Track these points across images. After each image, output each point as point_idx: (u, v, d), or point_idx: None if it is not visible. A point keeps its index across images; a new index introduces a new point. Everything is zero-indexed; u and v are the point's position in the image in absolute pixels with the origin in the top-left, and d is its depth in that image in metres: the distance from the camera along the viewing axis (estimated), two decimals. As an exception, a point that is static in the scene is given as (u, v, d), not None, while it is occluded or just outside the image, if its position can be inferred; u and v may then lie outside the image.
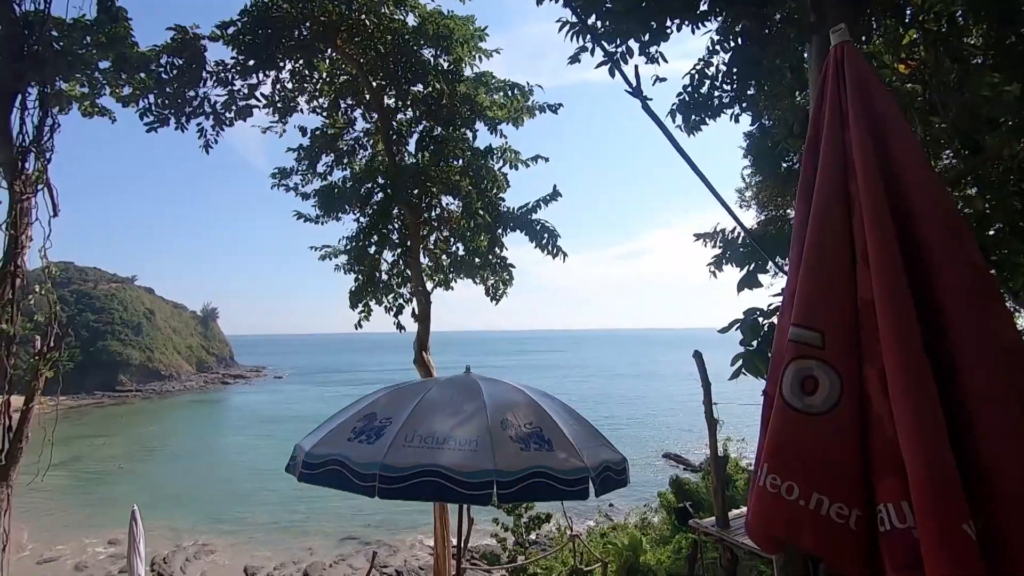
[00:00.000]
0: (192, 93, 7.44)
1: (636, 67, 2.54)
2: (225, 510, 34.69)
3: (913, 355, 1.26)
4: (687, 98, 4.61)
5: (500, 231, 7.86)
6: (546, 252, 7.45)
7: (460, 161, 8.16)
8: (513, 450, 3.10)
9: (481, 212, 7.71)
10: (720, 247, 4.74)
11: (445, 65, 8.06)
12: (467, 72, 8.10)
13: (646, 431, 54.02)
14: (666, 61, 4.43)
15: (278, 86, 8.05)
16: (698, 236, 4.70)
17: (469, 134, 8.20)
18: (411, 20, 7.99)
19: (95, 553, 29.26)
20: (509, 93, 7.99)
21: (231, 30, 7.35)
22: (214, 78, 7.39)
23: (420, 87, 8.26)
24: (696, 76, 4.65)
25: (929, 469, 1.18)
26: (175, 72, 7.09)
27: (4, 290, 6.52)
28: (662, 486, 22.96)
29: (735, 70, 4.18)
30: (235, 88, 7.50)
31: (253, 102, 7.65)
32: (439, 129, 8.25)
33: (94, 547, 29.96)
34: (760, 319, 3.33)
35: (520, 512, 15.31)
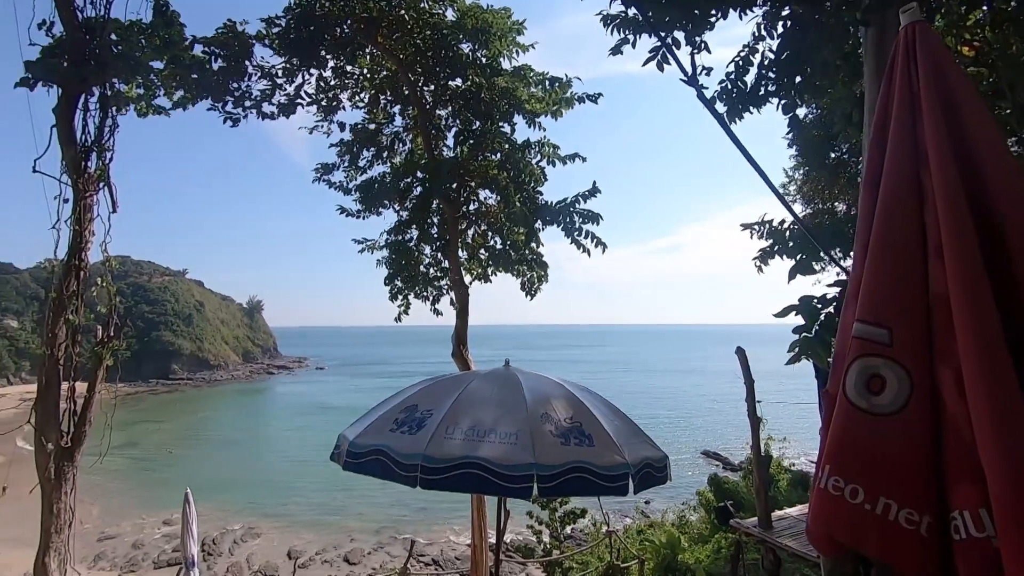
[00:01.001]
0: (236, 86, 7.66)
1: (692, 55, 2.46)
2: (269, 496, 36.04)
3: (993, 354, 1.18)
4: (730, 86, 4.46)
5: (537, 225, 7.83)
6: (582, 250, 7.41)
7: (498, 155, 8.15)
8: (553, 444, 3.08)
9: (519, 205, 7.69)
10: (767, 239, 4.58)
11: (483, 59, 8.06)
12: (505, 66, 8.08)
13: (684, 428, 53.24)
14: (710, 52, 4.30)
15: (321, 83, 8.22)
16: (745, 226, 4.56)
17: (507, 128, 8.18)
18: (450, 15, 8.02)
19: (151, 532, 30.86)
20: (547, 86, 7.93)
21: (276, 30, 7.54)
22: (259, 74, 7.60)
23: (459, 81, 8.29)
24: (740, 64, 4.49)
25: (1013, 476, 1.10)
26: (219, 65, 7.31)
27: (69, 282, 6.88)
28: (700, 484, 22.58)
29: (784, 56, 4.00)
30: (279, 85, 7.69)
31: (298, 100, 7.83)
32: (477, 123, 8.27)
33: (150, 527, 31.59)
34: (817, 305, 3.21)
35: (555, 507, 15.33)
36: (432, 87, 8.51)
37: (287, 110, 7.80)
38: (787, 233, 4.06)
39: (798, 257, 3.60)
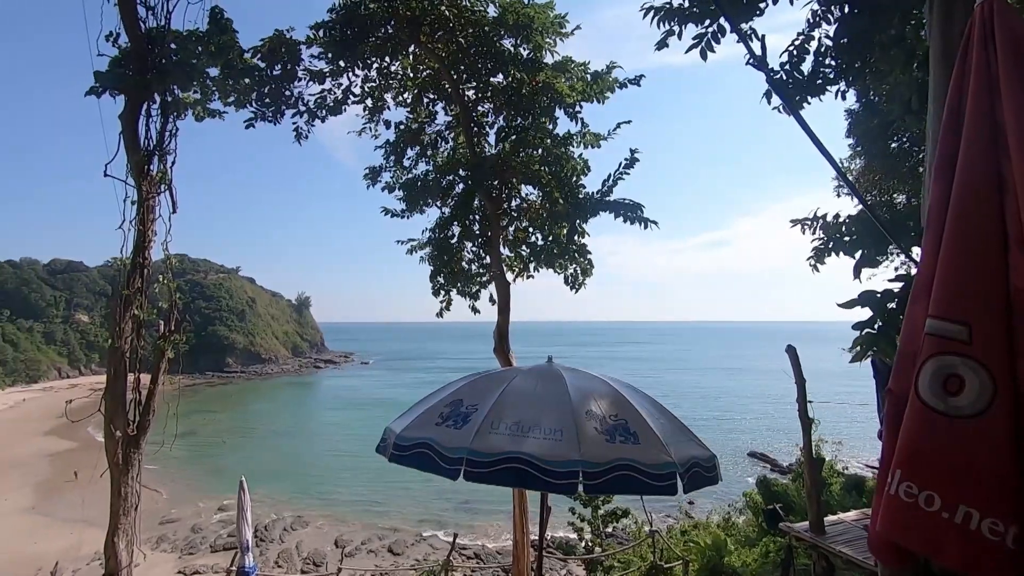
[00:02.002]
0: (287, 92, 7.92)
1: (763, 36, 2.37)
2: (316, 486, 37.28)
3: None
4: (784, 77, 4.28)
5: (580, 219, 7.76)
6: (632, 223, 7.26)
7: (540, 150, 8.12)
8: (598, 441, 3.06)
9: (561, 200, 7.64)
10: (820, 235, 4.39)
11: (525, 54, 8.04)
12: (547, 60, 8.03)
13: (730, 428, 51.90)
14: (759, 39, 4.15)
15: (367, 85, 8.38)
16: (795, 222, 4.37)
17: (548, 123, 8.13)
18: (491, 11, 8.02)
19: (207, 517, 32.42)
20: (589, 76, 7.84)
21: (322, 32, 7.73)
22: (308, 77, 7.82)
23: (500, 77, 8.29)
24: (795, 51, 4.31)
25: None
26: (273, 73, 7.57)
27: (134, 279, 7.28)
28: (747, 486, 21.96)
29: (842, 41, 3.81)
30: (327, 87, 7.90)
31: (344, 102, 8.02)
32: (519, 119, 8.26)
33: (207, 512, 33.20)
34: (882, 299, 3.05)
35: (598, 504, 15.22)
36: (474, 84, 8.55)
37: (334, 110, 8.00)
38: (843, 227, 3.87)
39: (859, 253, 3.37)
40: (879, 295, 3.04)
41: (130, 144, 7.20)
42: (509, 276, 8.56)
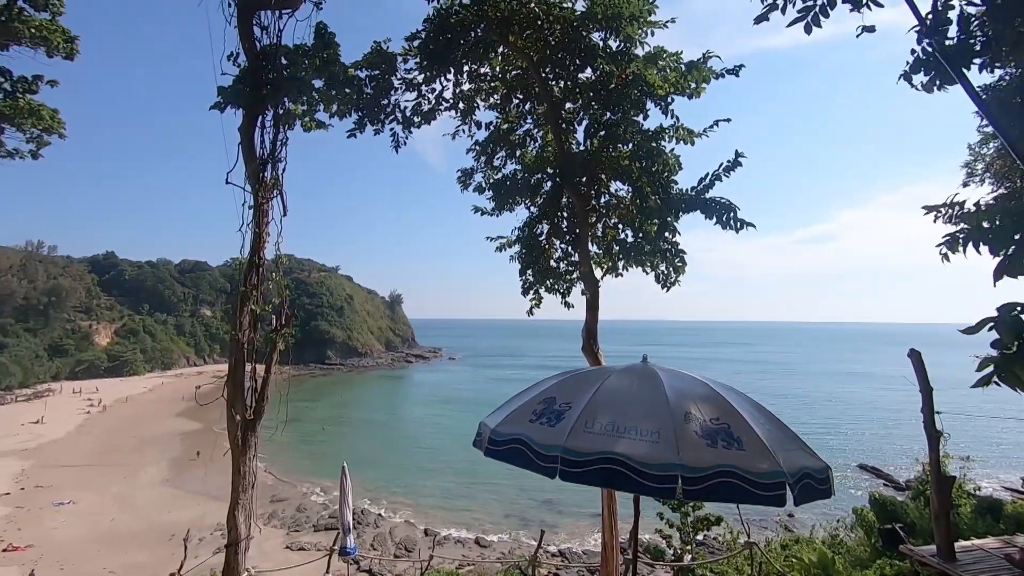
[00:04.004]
0: (385, 101, 8.31)
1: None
2: (407, 476, 39.00)
3: None
4: (921, 54, 3.81)
5: (672, 215, 7.47)
6: (726, 228, 6.87)
7: (629, 145, 7.92)
8: (699, 445, 2.92)
9: (652, 196, 7.40)
10: (955, 223, 3.88)
11: (614, 46, 7.88)
12: (637, 51, 7.81)
13: (837, 438, 48.14)
14: (880, 5, 3.75)
15: (458, 89, 8.60)
16: (928, 208, 3.89)
17: (639, 117, 7.90)
18: (580, 5, 7.93)
19: (311, 498, 34.94)
20: (683, 66, 7.52)
21: (416, 43, 8.03)
22: (404, 86, 8.16)
23: (588, 72, 8.19)
24: (933, 21, 3.84)
25: None
26: (373, 84, 7.98)
27: (251, 277, 7.97)
28: (855, 500, 20.21)
29: (998, 2, 3.33)
30: (422, 94, 8.19)
31: (438, 108, 8.30)
32: (608, 114, 8.10)
33: (310, 494, 35.80)
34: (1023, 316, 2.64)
35: (687, 510, 14.63)
36: (562, 81, 8.51)
37: (428, 116, 8.30)
38: (988, 216, 3.35)
39: (1010, 249, 2.81)
40: (1019, 309, 2.62)
41: (247, 153, 7.90)
42: (598, 273, 8.44)
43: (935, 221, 3.84)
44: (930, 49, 3.46)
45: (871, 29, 3.86)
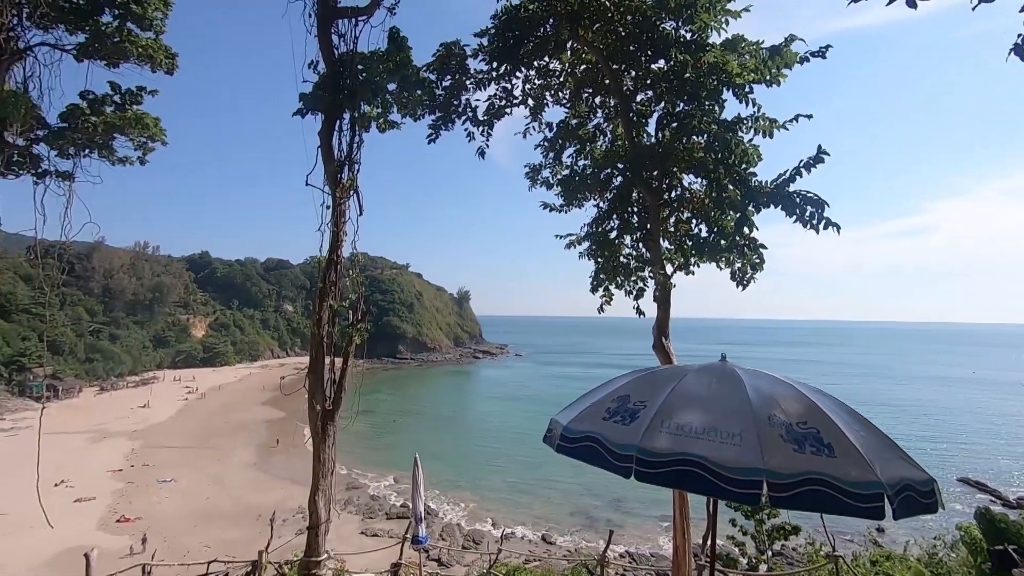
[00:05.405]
0: (456, 101, 8.45)
1: None
2: (474, 469, 39.71)
3: None
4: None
5: (751, 208, 7.09)
6: (808, 227, 6.44)
7: (704, 136, 7.60)
8: (785, 450, 2.76)
9: (730, 188, 7.06)
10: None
11: (688, 36, 7.59)
12: (713, 39, 7.48)
13: (936, 448, 44.36)
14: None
15: (527, 86, 8.61)
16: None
17: (715, 107, 7.55)
18: (651, -6, 7.69)
19: (383, 488, 36.35)
20: (765, 55, 7.11)
21: (485, 40, 8.09)
22: (475, 85, 8.27)
23: (661, 63, 7.94)
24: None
25: None
26: (444, 84, 8.15)
27: (330, 274, 8.37)
28: (956, 517, 18.50)
29: None
30: (492, 93, 8.28)
31: (507, 105, 8.36)
32: (681, 105, 7.82)
33: (383, 483, 37.25)
34: None
35: (762, 518, 13.92)
36: (633, 73, 8.30)
37: (499, 114, 8.36)
38: None
39: None
40: None
41: (326, 156, 8.30)
42: (669, 269, 8.17)
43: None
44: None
45: (990, -1, 3.49)
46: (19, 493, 23.16)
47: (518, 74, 8.28)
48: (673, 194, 8.27)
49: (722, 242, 7.50)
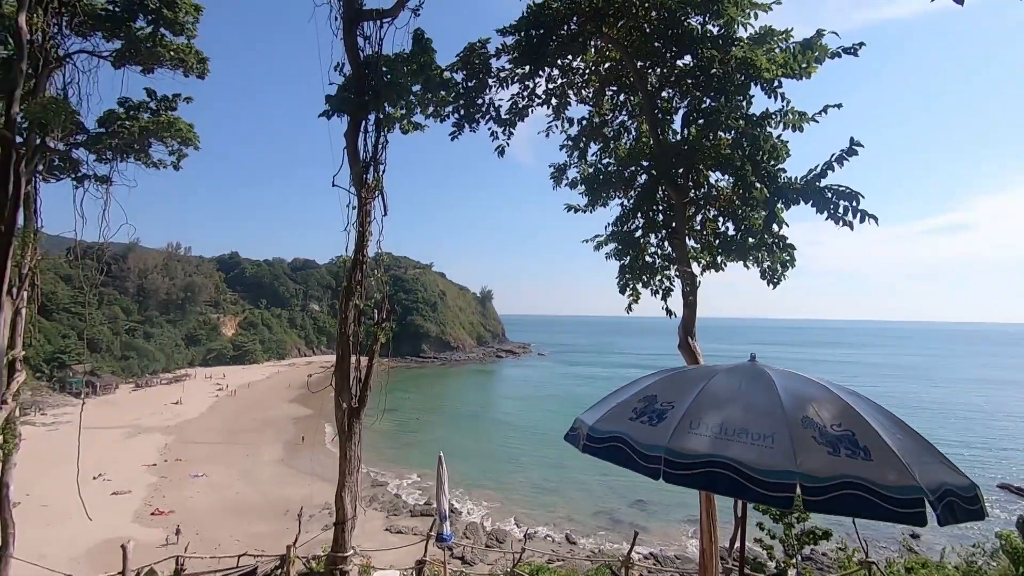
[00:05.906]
0: (480, 100, 8.47)
1: None
2: (497, 468, 39.79)
3: None
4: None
5: (780, 205, 6.93)
6: (841, 224, 6.26)
7: (731, 133, 7.46)
8: (819, 453, 2.69)
9: (758, 185, 6.91)
10: None
11: (715, 31, 7.46)
12: (740, 33, 7.33)
13: (973, 452, 42.84)
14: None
15: (550, 85, 8.57)
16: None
17: (743, 102, 7.40)
18: (677, -10, 7.58)
19: (407, 485, 36.64)
20: (794, 49, 6.93)
21: (509, 40, 8.08)
22: (498, 84, 8.27)
23: (687, 59, 7.82)
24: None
25: None
26: (468, 84, 8.17)
27: (355, 274, 8.47)
28: (997, 524, 17.83)
29: None
30: (515, 92, 8.27)
31: (530, 104, 8.34)
32: (708, 100, 7.69)
33: (407, 480, 37.56)
34: None
35: (791, 521, 13.62)
36: (658, 70, 8.20)
37: (522, 113, 8.35)
38: None
39: None
40: None
41: (352, 157, 8.39)
42: (695, 269, 8.05)
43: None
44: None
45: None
46: (60, 485, 24.09)
47: (541, 73, 8.25)
48: (699, 192, 8.14)
49: (750, 240, 7.36)
